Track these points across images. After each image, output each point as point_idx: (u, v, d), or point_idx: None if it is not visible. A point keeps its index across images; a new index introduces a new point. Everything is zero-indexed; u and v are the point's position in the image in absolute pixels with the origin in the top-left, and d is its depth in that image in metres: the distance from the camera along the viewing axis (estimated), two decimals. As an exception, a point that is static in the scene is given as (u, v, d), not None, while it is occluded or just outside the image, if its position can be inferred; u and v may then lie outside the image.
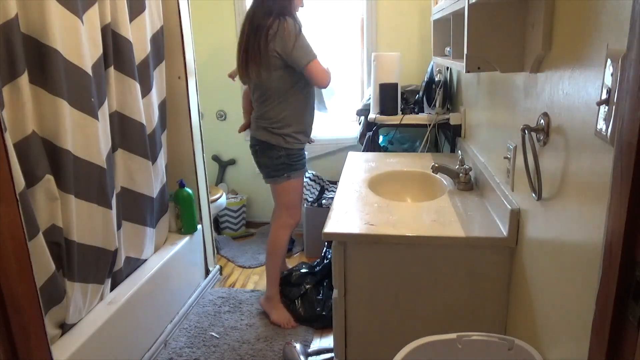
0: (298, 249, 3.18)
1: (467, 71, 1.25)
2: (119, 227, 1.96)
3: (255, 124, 2.28)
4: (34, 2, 1.51)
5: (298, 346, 2.01)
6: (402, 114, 2.44)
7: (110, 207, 1.83)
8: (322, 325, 2.31)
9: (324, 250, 2.64)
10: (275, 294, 2.38)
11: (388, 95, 2.41)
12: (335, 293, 1.46)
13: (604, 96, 0.72)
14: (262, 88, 2.17)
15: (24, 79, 1.48)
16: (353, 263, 1.41)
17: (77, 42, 1.66)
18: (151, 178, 2.17)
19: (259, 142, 2.25)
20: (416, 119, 2.44)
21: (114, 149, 1.94)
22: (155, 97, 2.22)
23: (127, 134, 2.02)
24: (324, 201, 2.96)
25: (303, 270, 2.51)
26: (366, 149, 2.50)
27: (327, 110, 2.54)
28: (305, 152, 2.35)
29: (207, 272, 2.75)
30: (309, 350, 2.04)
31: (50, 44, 1.55)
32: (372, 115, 2.45)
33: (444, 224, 1.41)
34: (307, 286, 2.41)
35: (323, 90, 2.36)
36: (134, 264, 2.13)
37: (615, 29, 0.72)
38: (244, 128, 2.43)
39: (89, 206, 1.74)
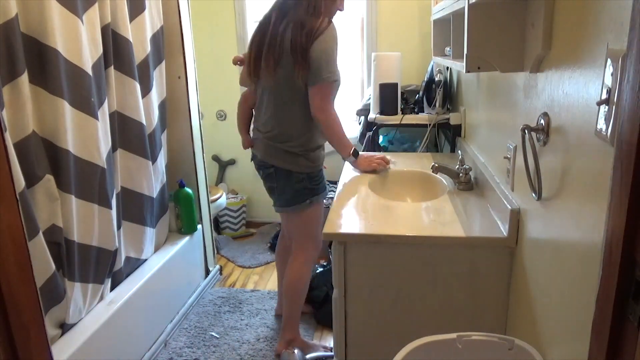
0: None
1: (467, 71, 1.25)
2: (119, 227, 1.96)
3: (263, 144, 1.91)
4: (34, 2, 1.51)
5: (297, 352, 2.01)
6: (402, 114, 2.44)
7: (110, 207, 1.83)
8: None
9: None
10: (298, 334, 2.08)
11: (388, 95, 2.41)
12: (335, 293, 1.46)
13: (604, 96, 0.72)
14: (278, 91, 1.82)
15: (24, 79, 1.48)
16: (353, 263, 1.41)
17: (77, 42, 1.66)
18: (151, 178, 2.17)
19: (273, 167, 1.90)
20: (416, 119, 2.44)
21: (114, 148, 1.94)
22: (155, 97, 2.22)
23: (127, 134, 2.02)
24: (324, 201, 2.95)
25: (319, 270, 2.44)
26: (366, 149, 2.50)
27: None
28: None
29: (207, 272, 2.75)
30: (307, 356, 2.03)
31: (50, 44, 1.55)
32: (372, 115, 2.45)
33: (444, 224, 1.41)
34: (324, 288, 2.36)
35: None
36: (134, 264, 2.13)
37: (615, 29, 0.72)
38: (249, 143, 2.07)
39: (89, 206, 1.74)
